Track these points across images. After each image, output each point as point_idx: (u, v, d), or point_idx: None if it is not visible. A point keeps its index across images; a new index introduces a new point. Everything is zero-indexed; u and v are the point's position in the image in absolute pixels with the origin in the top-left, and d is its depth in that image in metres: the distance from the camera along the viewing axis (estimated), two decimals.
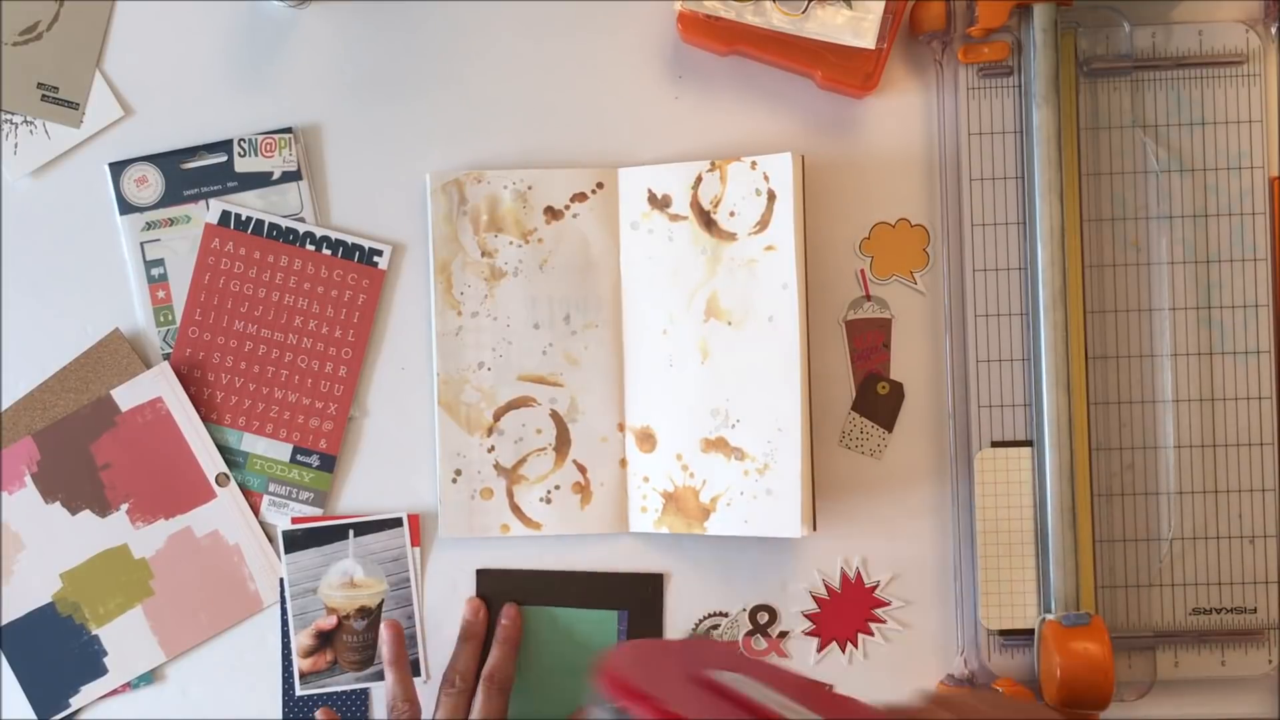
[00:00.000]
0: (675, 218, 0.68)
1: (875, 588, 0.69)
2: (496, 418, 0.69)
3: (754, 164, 0.67)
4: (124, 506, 0.69)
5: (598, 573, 0.69)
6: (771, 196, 0.67)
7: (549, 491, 0.69)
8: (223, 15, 0.70)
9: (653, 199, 0.68)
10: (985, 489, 0.67)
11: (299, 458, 0.69)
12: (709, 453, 0.68)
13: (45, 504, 0.69)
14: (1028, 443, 0.67)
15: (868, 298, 0.69)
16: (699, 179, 0.68)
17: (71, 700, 0.69)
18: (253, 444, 0.69)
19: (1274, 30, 0.67)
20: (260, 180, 0.69)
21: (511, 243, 0.69)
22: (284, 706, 0.70)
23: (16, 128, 0.69)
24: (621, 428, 0.69)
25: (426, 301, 0.70)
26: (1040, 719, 0.59)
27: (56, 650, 0.69)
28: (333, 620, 0.69)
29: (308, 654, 0.69)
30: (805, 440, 0.66)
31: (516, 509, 0.69)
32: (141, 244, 0.69)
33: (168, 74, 0.70)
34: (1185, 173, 0.67)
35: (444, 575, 0.70)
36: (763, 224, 0.67)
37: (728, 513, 0.67)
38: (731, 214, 0.68)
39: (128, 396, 0.69)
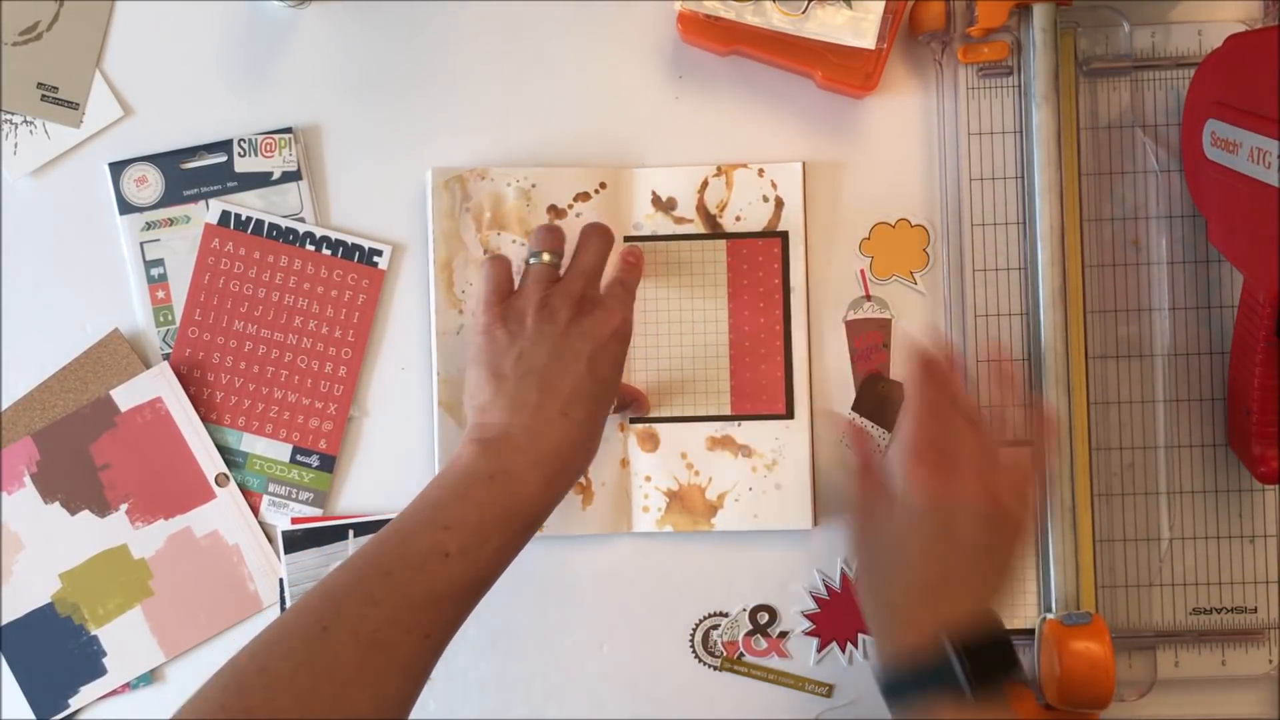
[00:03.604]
0: (680, 220, 0.68)
1: None
2: None
3: (761, 171, 0.68)
4: (123, 507, 0.69)
5: None
6: (779, 203, 0.68)
7: None
8: (223, 15, 0.70)
9: (656, 201, 0.68)
10: None
11: (299, 458, 0.69)
12: (715, 450, 0.68)
13: (45, 504, 0.68)
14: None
15: (868, 298, 0.69)
16: (705, 183, 0.68)
17: (71, 701, 0.69)
18: (252, 444, 0.69)
19: None
20: (260, 180, 0.69)
21: (514, 241, 0.69)
22: None
23: (16, 128, 0.69)
24: (622, 428, 0.69)
25: (426, 301, 0.69)
26: None
27: (56, 651, 0.68)
28: None
29: None
30: (811, 436, 0.67)
31: None
32: (141, 244, 0.69)
33: (168, 74, 0.70)
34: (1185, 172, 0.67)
35: None
36: (769, 229, 0.68)
37: (736, 508, 0.68)
38: (738, 218, 0.68)
39: (127, 396, 0.68)
